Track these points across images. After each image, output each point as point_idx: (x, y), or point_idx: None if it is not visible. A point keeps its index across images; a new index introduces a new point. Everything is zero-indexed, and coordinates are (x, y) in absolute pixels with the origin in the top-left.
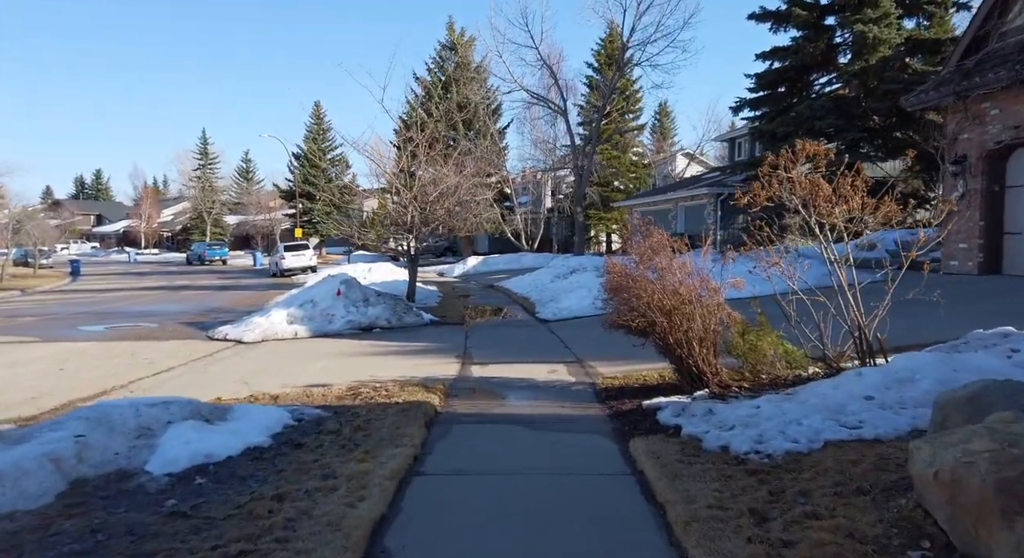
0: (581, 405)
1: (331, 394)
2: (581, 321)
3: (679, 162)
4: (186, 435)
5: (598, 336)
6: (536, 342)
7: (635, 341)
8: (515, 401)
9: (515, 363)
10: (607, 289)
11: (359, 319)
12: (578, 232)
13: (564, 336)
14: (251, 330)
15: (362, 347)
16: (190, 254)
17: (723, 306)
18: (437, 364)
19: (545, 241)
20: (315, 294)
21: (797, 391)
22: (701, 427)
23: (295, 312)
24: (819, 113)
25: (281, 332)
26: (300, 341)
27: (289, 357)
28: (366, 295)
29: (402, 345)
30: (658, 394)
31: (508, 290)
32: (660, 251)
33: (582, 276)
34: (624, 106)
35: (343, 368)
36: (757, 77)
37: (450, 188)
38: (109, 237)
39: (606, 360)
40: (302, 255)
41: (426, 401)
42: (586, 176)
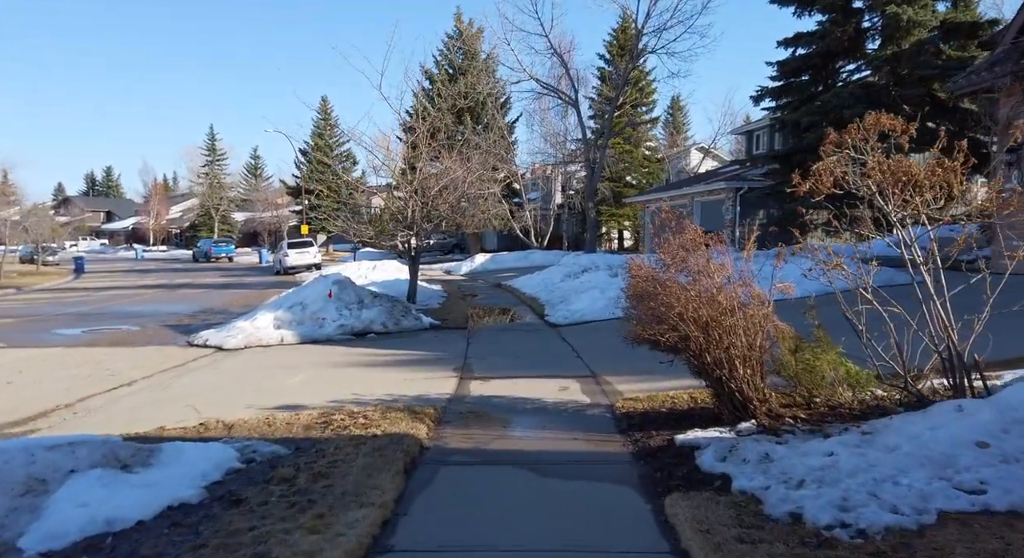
0: (598, 437)
1: (299, 422)
2: (594, 326)
3: (693, 157)
4: (87, 492)
5: (613, 345)
6: (545, 351)
7: (662, 357)
8: (519, 430)
9: (521, 377)
10: (629, 296)
11: (352, 323)
12: (589, 229)
13: (576, 344)
14: (233, 336)
15: (351, 356)
16: (196, 251)
17: (771, 317)
18: (432, 379)
19: (555, 238)
20: (305, 296)
21: (876, 429)
22: (758, 480)
23: (283, 315)
24: (847, 101)
25: (266, 338)
26: (285, 348)
27: (268, 368)
28: (360, 297)
29: (396, 354)
30: (692, 423)
31: (516, 290)
32: (694, 250)
33: (594, 275)
34: (637, 98)
35: (325, 383)
36: (779, 65)
37: (454, 181)
38: (118, 234)
39: (624, 375)
40: (306, 252)
41: (410, 433)
42: (598, 170)
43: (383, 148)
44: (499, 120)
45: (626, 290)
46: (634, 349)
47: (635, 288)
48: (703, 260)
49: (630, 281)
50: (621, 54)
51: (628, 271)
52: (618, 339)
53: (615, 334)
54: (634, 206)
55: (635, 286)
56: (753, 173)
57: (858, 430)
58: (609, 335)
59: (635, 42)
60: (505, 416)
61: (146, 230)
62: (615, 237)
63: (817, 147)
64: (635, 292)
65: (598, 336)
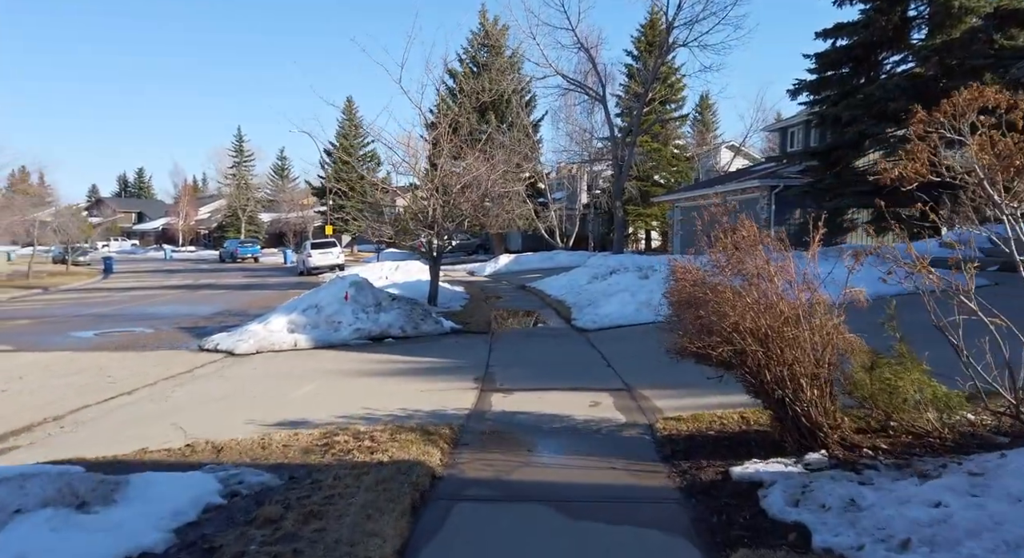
0: (639, 466)
1: (297, 443)
2: (624, 331)
3: (723, 155)
4: (29, 539)
5: (647, 352)
6: (573, 359)
7: (708, 372)
8: (546, 455)
9: (547, 390)
10: (672, 303)
11: (369, 327)
12: (617, 228)
13: (606, 351)
14: (244, 340)
15: (366, 362)
16: (223, 252)
17: (840, 329)
18: (450, 390)
19: (580, 238)
20: (320, 298)
21: (987, 469)
22: (847, 536)
23: (297, 319)
24: (892, 94)
25: (279, 342)
26: (299, 353)
27: (276, 376)
28: (378, 299)
29: (413, 361)
30: (747, 451)
31: (541, 292)
32: (751, 250)
33: (623, 277)
34: (667, 93)
35: (334, 394)
36: (818, 57)
37: (476, 179)
38: (148, 235)
39: (662, 388)
40: (329, 253)
41: (420, 461)
42: (626, 168)
43: (403, 144)
44: (524, 118)
45: (668, 296)
46: (671, 358)
47: (680, 294)
48: (761, 261)
49: (673, 285)
50: (649, 50)
51: (671, 274)
52: (651, 346)
53: (648, 340)
54: (662, 206)
55: (680, 291)
56: (789, 170)
57: (961, 469)
58: (641, 341)
59: (665, 35)
60: (530, 437)
61: (175, 231)
62: (642, 237)
63: (859, 142)
64: (680, 298)
65: (629, 342)
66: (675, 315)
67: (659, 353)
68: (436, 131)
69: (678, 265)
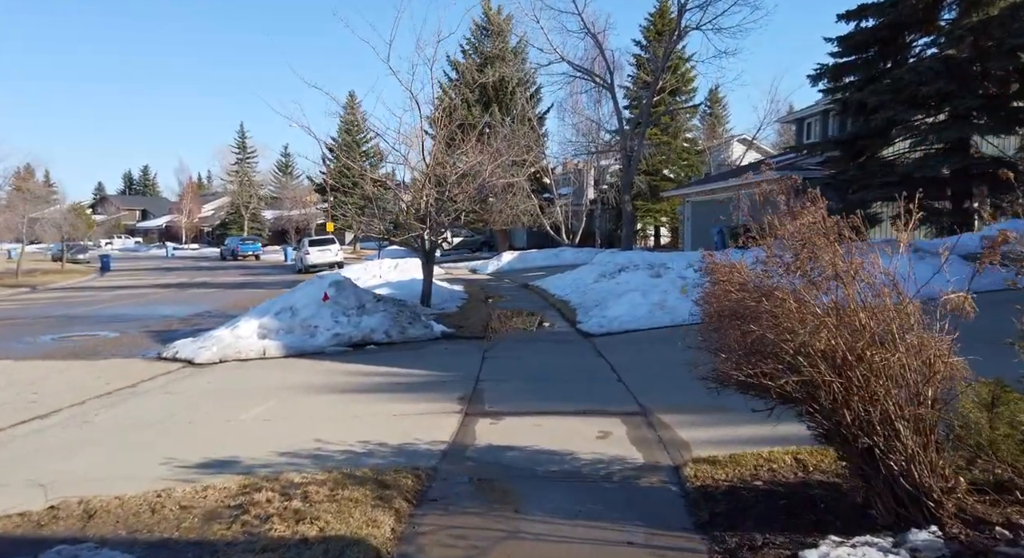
0: (665, 539)
1: (203, 504)
2: (636, 337)
3: (735, 149)
4: None
5: (664, 363)
6: (577, 371)
7: (756, 403)
8: (539, 520)
9: (545, 414)
10: (708, 313)
11: (349, 332)
12: (626, 224)
13: (615, 361)
14: (208, 348)
15: (339, 374)
16: (223, 249)
17: (947, 350)
18: (428, 414)
19: (587, 235)
20: (296, 300)
21: None
22: None
23: (269, 323)
24: (925, 77)
25: (246, 349)
26: (265, 363)
27: (230, 392)
28: (361, 300)
29: (393, 373)
30: (814, 516)
31: (544, 291)
32: (822, 244)
33: (632, 276)
34: (677, 83)
35: (288, 419)
36: (840, 40)
37: (474, 169)
38: (152, 232)
39: (686, 412)
40: (328, 250)
41: (361, 537)
42: (635, 160)
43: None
44: (529, 111)
45: (703, 303)
46: (708, 388)
47: (720, 301)
48: (839, 257)
49: (710, 290)
50: (658, 39)
51: (707, 274)
52: (669, 355)
53: (663, 348)
54: (672, 201)
55: (720, 298)
56: (808, 162)
57: None
58: (655, 349)
59: (678, 18)
60: (520, 488)
61: (179, 228)
62: (651, 234)
63: (886, 130)
64: (720, 308)
65: (641, 350)
66: (712, 329)
67: (678, 364)
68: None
69: (717, 264)
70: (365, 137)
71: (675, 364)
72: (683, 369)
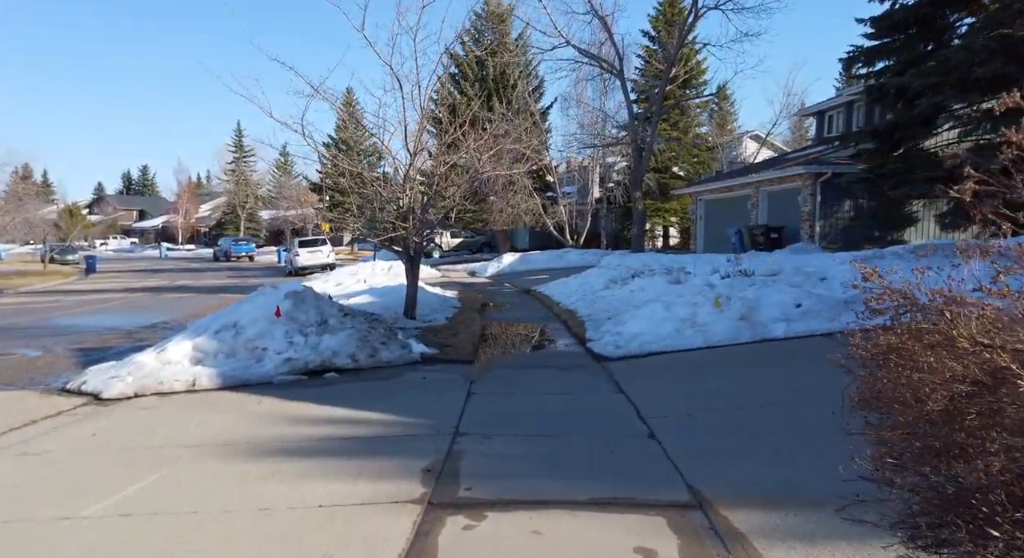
0: None
1: None
2: (663, 361)
3: (748, 147)
4: None
5: (708, 402)
6: (593, 419)
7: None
8: None
9: (548, 505)
10: (884, 385)
11: (305, 356)
12: (636, 223)
13: (643, 401)
14: (122, 377)
15: (272, 423)
16: (216, 250)
17: None
18: (373, 506)
19: (592, 236)
20: (242, 315)
21: None
22: None
23: (205, 344)
24: (979, 57)
25: (170, 380)
26: (189, 400)
27: (113, 453)
28: (323, 316)
29: (345, 420)
30: None
31: (548, 298)
32: None
33: (649, 282)
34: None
35: (158, 516)
36: (874, 21)
37: (465, 159)
38: (148, 232)
39: (769, 504)
40: (318, 251)
41: None
42: (647, 153)
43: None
44: (532, 105)
45: (866, 355)
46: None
47: (905, 387)
48: None
49: (887, 344)
50: (668, 30)
51: (872, 296)
52: (710, 388)
53: (701, 379)
54: (682, 200)
55: (913, 360)
56: (836, 155)
57: None
58: (692, 381)
59: None
60: None
61: (175, 228)
62: (659, 234)
63: (931, 118)
64: (940, 387)
65: (673, 382)
66: (879, 402)
67: (731, 406)
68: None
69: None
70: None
71: (726, 407)
72: (740, 413)
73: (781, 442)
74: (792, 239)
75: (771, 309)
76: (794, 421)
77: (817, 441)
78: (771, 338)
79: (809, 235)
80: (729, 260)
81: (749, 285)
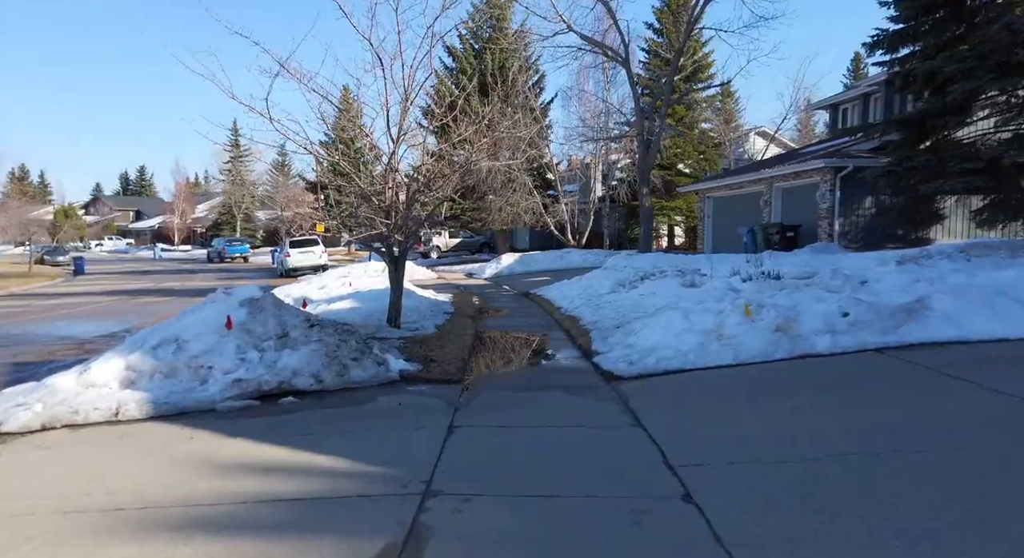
0: None
1: None
2: (686, 383)
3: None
4: None
5: (762, 438)
6: (606, 468)
7: None
8: None
9: None
10: None
11: (259, 376)
12: (643, 221)
13: (670, 441)
14: (31, 404)
15: (195, 473)
16: (210, 251)
17: None
18: None
19: (594, 235)
20: (185, 327)
21: None
22: None
23: (140, 362)
24: (1022, 37)
25: (87, 407)
26: (107, 433)
27: None
28: (284, 328)
29: (290, 466)
30: None
31: (549, 302)
32: None
33: (660, 285)
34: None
35: None
36: (898, 3)
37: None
38: (144, 233)
39: None
40: (310, 252)
41: None
42: (655, 145)
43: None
44: (532, 100)
45: None
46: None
47: None
48: None
49: None
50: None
51: None
52: (753, 418)
53: (739, 406)
54: (688, 198)
55: None
56: (857, 148)
57: None
58: (730, 410)
59: None
60: None
61: (171, 229)
62: (664, 234)
63: (965, 105)
64: None
65: (705, 412)
66: None
67: (782, 445)
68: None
69: None
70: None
71: (781, 452)
72: (806, 466)
73: (895, 525)
74: (809, 238)
75: (813, 319)
76: (896, 480)
77: (962, 526)
78: (813, 354)
79: (828, 234)
80: (749, 261)
81: (779, 289)
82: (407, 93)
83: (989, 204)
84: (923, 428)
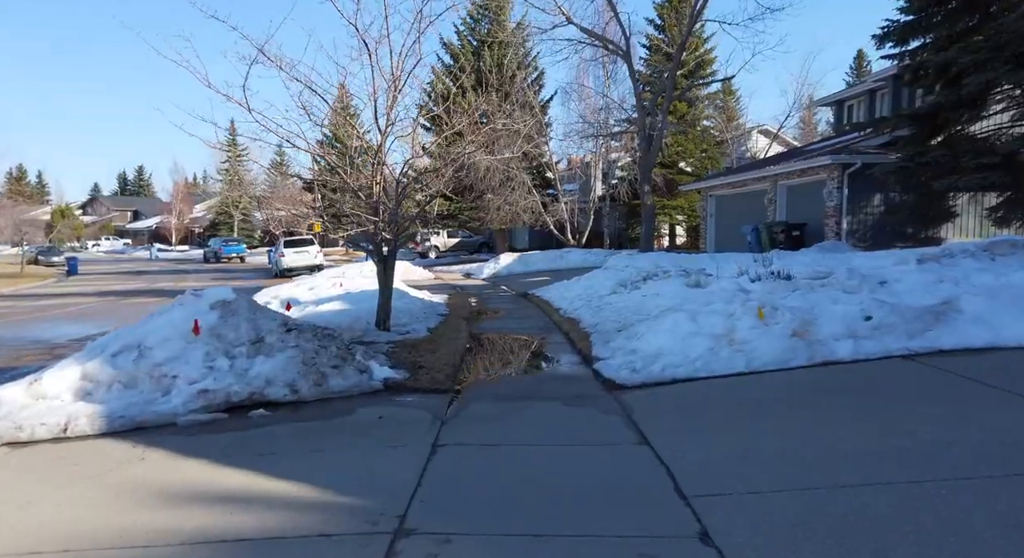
0: None
1: None
2: (697, 393)
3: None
4: None
5: (787, 459)
6: (609, 501)
7: None
8: None
9: None
10: None
11: (228, 386)
12: (645, 220)
13: (680, 464)
14: None
15: (129, 505)
16: (207, 251)
17: None
18: None
19: (595, 235)
20: (149, 332)
21: None
22: None
23: (98, 371)
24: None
25: (33, 422)
26: (50, 452)
27: None
28: (259, 333)
29: (246, 495)
30: None
31: (547, 304)
32: None
33: (664, 286)
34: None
35: None
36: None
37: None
38: (142, 233)
39: None
40: (305, 252)
41: None
42: (657, 142)
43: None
44: (531, 97)
45: None
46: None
47: None
48: None
49: None
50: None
51: None
52: (774, 435)
53: (758, 421)
54: (690, 197)
55: None
56: (865, 144)
57: None
58: (747, 426)
59: None
60: None
61: (168, 229)
62: (665, 233)
63: (980, 98)
64: None
65: (720, 429)
66: None
67: (811, 469)
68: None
69: None
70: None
71: (811, 478)
72: (841, 494)
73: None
74: (815, 237)
75: (832, 322)
76: (951, 511)
77: None
78: (834, 361)
79: (835, 232)
80: (756, 260)
81: (792, 290)
82: (395, 81)
83: (1005, 201)
84: (971, 450)
